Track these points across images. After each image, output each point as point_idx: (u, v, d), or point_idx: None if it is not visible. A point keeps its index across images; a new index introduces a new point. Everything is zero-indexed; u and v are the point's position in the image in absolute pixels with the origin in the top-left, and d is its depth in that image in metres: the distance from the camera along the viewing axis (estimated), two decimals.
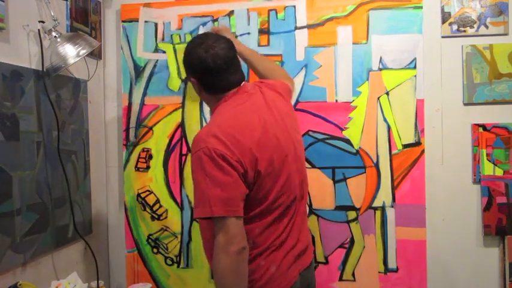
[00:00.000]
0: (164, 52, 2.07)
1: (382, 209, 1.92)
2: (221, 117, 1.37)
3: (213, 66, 1.36)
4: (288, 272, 1.37)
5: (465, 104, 1.93)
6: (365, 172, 1.93)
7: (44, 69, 1.61)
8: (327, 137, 1.96)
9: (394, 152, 1.92)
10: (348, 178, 1.94)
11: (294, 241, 1.41)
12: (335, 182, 1.95)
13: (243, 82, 1.44)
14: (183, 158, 2.06)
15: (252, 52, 1.77)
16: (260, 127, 1.34)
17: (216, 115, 1.40)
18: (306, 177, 1.50)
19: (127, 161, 2.10)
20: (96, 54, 2.05)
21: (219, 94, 1.40)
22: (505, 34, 1.90)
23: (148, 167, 2.09)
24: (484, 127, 1.90)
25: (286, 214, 1.39)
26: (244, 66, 2.02)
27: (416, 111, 1.90)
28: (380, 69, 1.92)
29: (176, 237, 2.07)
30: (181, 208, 2.06)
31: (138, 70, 2.09)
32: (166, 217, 2.08)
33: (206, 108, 2.03)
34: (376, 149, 1.93)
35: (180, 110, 2.06)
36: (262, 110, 1.40)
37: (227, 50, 1.38)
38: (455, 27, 1.92)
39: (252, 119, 1.35)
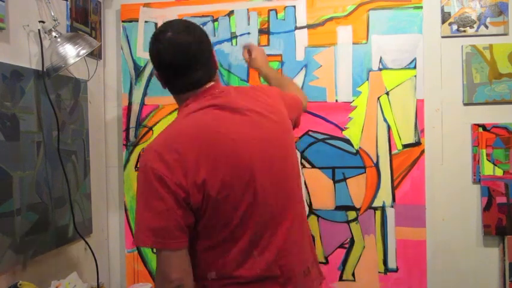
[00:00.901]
0: None
1: (382, 209, 1.92)
2: (172, 126, 1.19)
3: (171, 60, 1.17)
4: None
5: (465, 104, 1.93)
6: (365, 172, 1.93)
7: (44, 69, 1.61)
8: (327, 137, 1.96)
9: (394, 152, 1.92)
10: (348, 178, 1.94)
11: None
12: (335, 182, 1.95)
13: (211, 83, 1.22)
14: None
15: (276, 75, 1.71)
16: (219, 140, 1.14)
17: (170, 124, 1.22)
18: (292, 193, 1.26)
19: (127, 161, 2.10)
20: (96, 54, 2.05)
21: (180, 94, 1.24)
22: (505, 34, 1.89)
23: None
24: (484, 127, 1.90)
25: (261, 237, 1.17)
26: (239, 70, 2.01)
27: (416, 111, 1.90)
28: (380, 69, 1.92)
29: None
30: None
31: (138, 70, 2.09)
32: None
33: None
34: (376, 149, 1.93)
35: None
36: (230, 118, 1.18)
37: (191, 43, 1.16)
38: (455, 27, 1.92)
39: (209, 130, 1.14)
